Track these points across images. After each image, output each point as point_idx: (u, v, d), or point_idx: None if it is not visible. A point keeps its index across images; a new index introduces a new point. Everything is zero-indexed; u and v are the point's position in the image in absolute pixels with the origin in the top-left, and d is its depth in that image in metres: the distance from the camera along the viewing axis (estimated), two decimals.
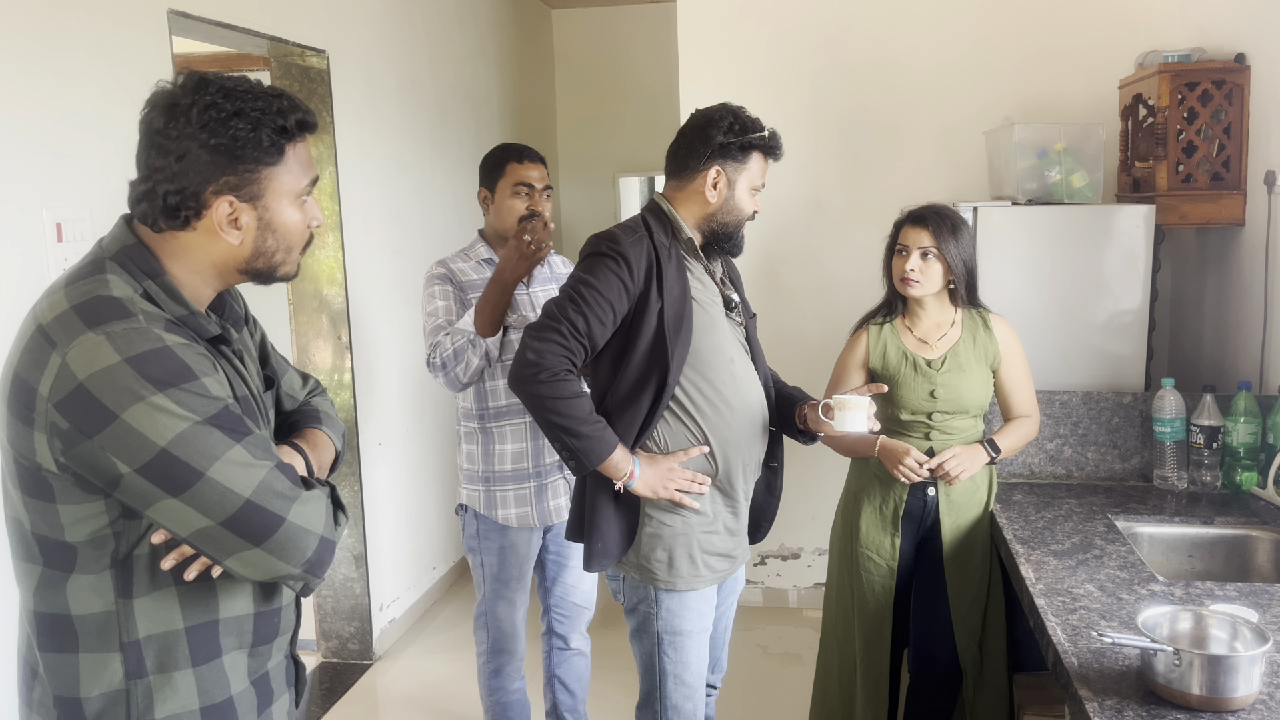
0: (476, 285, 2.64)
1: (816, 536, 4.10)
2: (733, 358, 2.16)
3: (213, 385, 1.24)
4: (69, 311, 1.21)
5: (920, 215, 2.51)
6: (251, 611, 1.37)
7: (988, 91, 3.79)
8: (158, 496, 1.20)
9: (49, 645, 1.29)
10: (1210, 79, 3.03)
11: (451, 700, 3.55)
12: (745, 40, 3.96)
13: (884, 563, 2.59)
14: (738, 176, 2.14)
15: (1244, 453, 2.68)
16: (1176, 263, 3.63)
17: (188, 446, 1.19)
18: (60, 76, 2.36)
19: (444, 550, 4.57)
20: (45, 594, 1.28)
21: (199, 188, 1.26)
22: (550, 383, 1.99)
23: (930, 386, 2.51)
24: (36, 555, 1.28)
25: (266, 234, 1.32)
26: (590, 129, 6.30)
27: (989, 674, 2.57)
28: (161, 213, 1.27)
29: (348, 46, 3.69)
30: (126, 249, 1.29)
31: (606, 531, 2.13)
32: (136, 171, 1.30)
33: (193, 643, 1.31)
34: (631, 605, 2.20)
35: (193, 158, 1.25)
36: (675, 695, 2.18)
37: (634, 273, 2.05)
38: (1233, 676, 1.52)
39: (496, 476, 2.65)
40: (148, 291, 1.27)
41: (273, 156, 1.29)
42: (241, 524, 1.22)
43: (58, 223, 2.33)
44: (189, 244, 1.31)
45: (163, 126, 1.25)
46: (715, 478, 2.15)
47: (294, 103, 1.32)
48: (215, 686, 1.33)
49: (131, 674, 1.28)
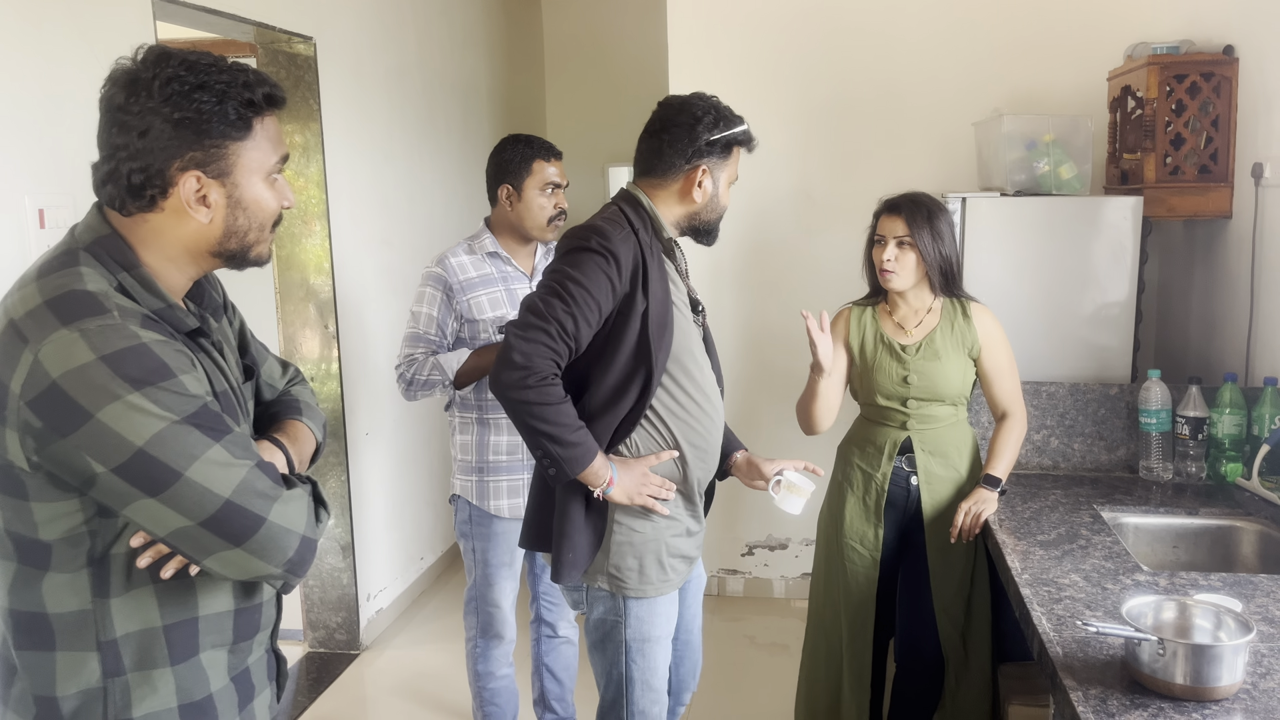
0: (476, 284, 2.63)
1: (803, 527, 4.11)
2: (701, 363, 2.11)
3: (190, 383, 1.21)
4: (42, 306, 1.17)
5: (895, 204, 2.50)
6: (231, 609, 1.35)
7: (977, 83, 3.79)
8: (135, 496, 1.17)
9: (25, 643, 1.26)
10: (1199, 71, 3.04)
11: (439, 690, 3.55)
12: (735, 29, 3.95)
13: (867, 552, 2.60)
14: (720, 173, 2.10)
15: (1229, 444, 2.69)
16: (1164, 255, 3.64)
17: (166, 446, 1.16)
18: (43, 62, 2.34)
19: (431, 540, 4.57)
20: (21, 592, 1.25)
21: (164, 164, 1.22)
22: (539, 388, 1.89)
23: (904, 372, 2.51)
24: (11, 553, 1.25)
25: (237, 212, 1.28)
26: (580, 118, 6.27)
27: (973, 664, 2.58)
28: (126, 192, 1.23)
29: (335, 33, 3.67)
30: (101, 239, 1.25)
31: (577, 540, 2.03)
32: (98, 152, 1.26)
33: (171, 641, 1.28)
34: (598, 616, 2.11)
35: (156, 133, 1.21)
36: (643, 701, 2.11)
37: (621, 271, 1.95)
38: (1216, 666, 1.53)
39: (490, 467, 2.65)
40: (123, 284, 1.24)
41: (240, 131, 1.25)
42: (221, 524, 1.19)
43: (40, 209, 2.30)
44: (159, 226, 1.27)
45: (124, 102, 1.21)
46: (682, 482, 2.09)
47: (261, 76, 1.28)
48: (194, 684, 1.31)
49: (109, 672, 1.26)
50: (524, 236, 2.69)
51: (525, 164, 2.64)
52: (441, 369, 2.56)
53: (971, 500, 2.46)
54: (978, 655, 2.58)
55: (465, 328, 2.65)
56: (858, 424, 2.68)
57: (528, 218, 2.65)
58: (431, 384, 2.58)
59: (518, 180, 2.64)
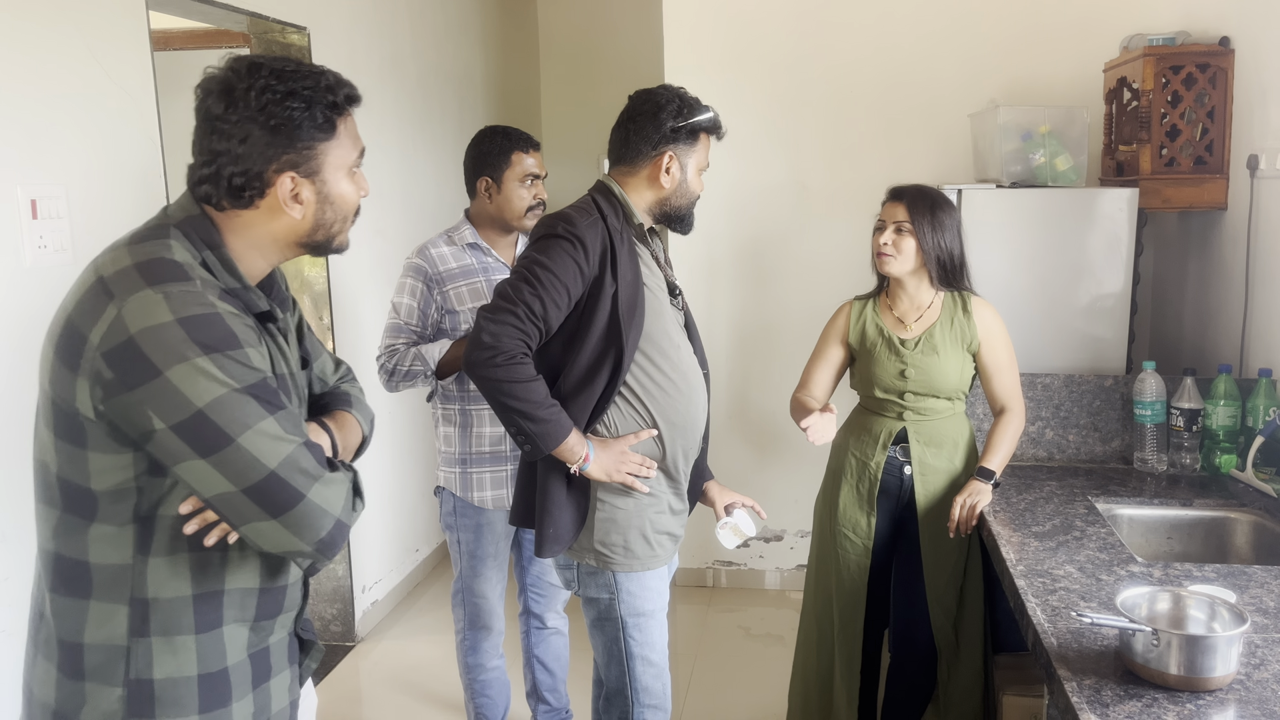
0: (456, 275, 2.63)
1: (799, 519, 4.11)
2: (678, 343, 2.16)
3: (254, 356, 1.28)
4: (131, 267, 1.26)
5: (899, 191, 2.52)
6: (256, 586, 1.40)
7: (973, 74, 3.78)
8: (186, 455, 1.23)
9: (61, 588, 1.33)
10: (1194, 62, 3.03)
11: (434, 681, 3.55)
12: (730, 20, 3.93)
13: (860, 541, 2.60)
14: (688, 160, 2.14)
15: (1223, 435, 2.70)
16: (1159, 246, 3.64)
17: (223, 411, 1.22)
18: (33, 50, 2.32)
19: (426, 532, 4.56)
20: (65, 538, 1.31)
21: (262, 167, 1.33)
22: (507, 366, 1.97)
23: (901, 366, 2.52)
24: (57, 499, 1.31)
25: (325, 206, 1.39)
26: (575, 110, 6.25)
27: (964, 654, 2.59)
28: (227, 193, 1.34)
29: (329, 23, 3.65)
30: (191, 219, 1.35)
31: (559, 517, 2.11)
32: (194, 156, 1.35)
33: (198, 610, 1.34)
34: (591, 594, 2.18)
35: (255, 140, 1.31)
36: (645, 676, 2.18)
37: (589, 255, 2.03)
38: (1210, 656, 1.53)
39: (474, 459, 2.65)
40: (206, 261, 1.33)
41: (326, 132, 1.36)
42: (263, 494, 1.25)
43: (32, 199, 2.29)
44: (251, 220, 1.37)
45: (222, 112, 1.31)
46: (662, 460, 2.15)
47: (339, 79, 1.39)
48: (213, 655, 1.36)
49: (135, 631, 1.32)
50: (504, 227, 2.69)
51: (504, 156, 2.63)
52: (423, 359, 2.56)
53: (966, 493, 2.47)
54: (970, 646, 2.59)
55: (446, 319, 2.65)
56: (855, 413, 2.68)
57: (507, 209, 2.65)
58: (413, 375, 2.58)
59: (496, 172, 2.64)
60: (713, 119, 2.15)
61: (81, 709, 1.32)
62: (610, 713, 2.24)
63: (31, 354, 2.29)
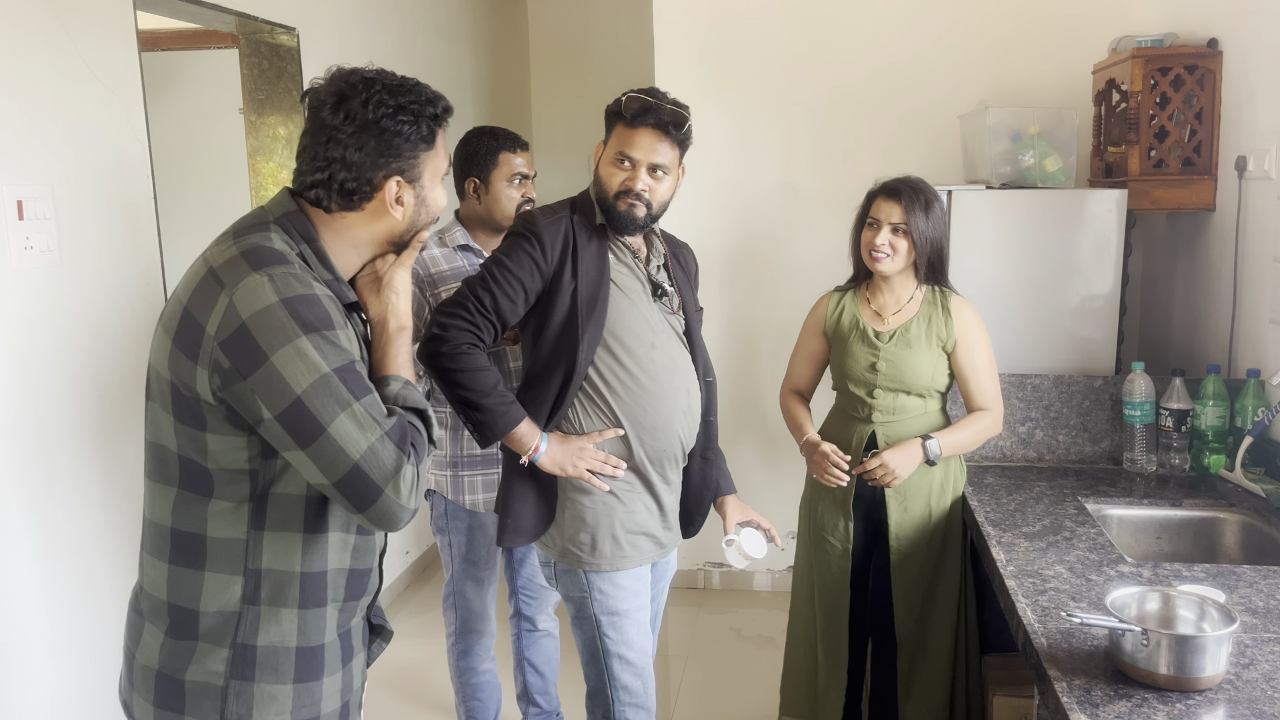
0: (448, 277, 2.62)
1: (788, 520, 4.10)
2: (654, 343, 2.14)
3: (344, 339, 1.36)
4: (238, 256, 1.36)
5: (894, 189, 2.47)
6: (347, 567, 1.49)
7: (962, 75, 3.79)
8: (290, 446, 1.33)
9: (179, 560, 1.41)
10: (1183, 64, 3.04)
11: (423, 684, 3.54)
12: (720, 22, 3.93)
13: (839, 543, 2.62)
14: (609, 152, 2.15)
15: (1212, 436, 2.71)
16: (1148, 247, 3.65)
17: (318, 397, 1.31)
18: (20, 50, 2.31)
19: (415, 535, 4.55)
20: (184, 513, 1.40)
21: (372, 174, 1.43)
22: (452, 355, 2.04)
23: (873, 359, 2.51)
24: (174, 477, 1.39)
25: (420, 209, 1.50)
26: (566, 110, 6.25)
27: (931, 651, 2.58)
28: (338, 196, 1.44)
29: (318, 24, 3.64)
30: (289, 214, 1.45)
31: (518, 509, 2.16)
32: (304, 161, 1.45)
33: (303, 586, 1.43)
34: (567, 591, 2.20)
35: (369, 149, 1.42)
36: (623, 675, 2.18)
37: (546, 251, 2.08)
38: (1200, 656, 1.54)
39: (465, 461, 2.64)
40: (303, 254, 1.42)
41: (429, 143, 1.47)
42: (349, 487, 1.34)
43: (18, 200, 2.27)
44: (353, 221, 1.47)
45: (339, 122, 1.41)
46: (630, 460, 2.15)
47: (436, 93, 1.51)
48: (312, 631, 1.45)
49: (247, 599, 1.40)
50: (494, 228, 2.67)
51: (491, 156, 2.62)
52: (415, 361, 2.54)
53: (894, 449, 2.46)
54: (938, 642, 2.58)
55: None
56: (831, 416, 2.68)
57: (496, 209, 2.64)
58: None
59: (484, 173, 2.63)
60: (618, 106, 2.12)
61: (188, 667, 1.40)
62: (594, 712, 2.25)
63: (18, 353, 2.28)
